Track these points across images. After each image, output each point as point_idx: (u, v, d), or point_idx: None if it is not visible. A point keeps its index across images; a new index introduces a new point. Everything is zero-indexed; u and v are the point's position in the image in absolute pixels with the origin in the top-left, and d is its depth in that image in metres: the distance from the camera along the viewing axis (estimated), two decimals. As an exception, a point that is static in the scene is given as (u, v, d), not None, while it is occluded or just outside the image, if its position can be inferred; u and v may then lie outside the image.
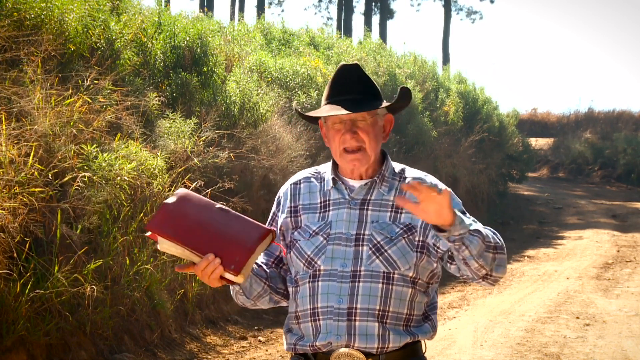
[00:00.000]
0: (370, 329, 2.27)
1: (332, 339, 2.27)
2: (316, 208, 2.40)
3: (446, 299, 8.99)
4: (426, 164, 12.79)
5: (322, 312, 2.29)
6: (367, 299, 2.28)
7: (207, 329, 6.60)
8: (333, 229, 2.34)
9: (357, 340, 2.27)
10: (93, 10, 7.12)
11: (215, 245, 2.23)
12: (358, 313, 2.27)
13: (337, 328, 2.27)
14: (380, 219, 2.34)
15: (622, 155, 22.94)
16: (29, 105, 5.52)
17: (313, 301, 2.31)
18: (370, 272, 2.29)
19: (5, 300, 4.66)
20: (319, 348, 2.29)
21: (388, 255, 2.30)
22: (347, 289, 2.28)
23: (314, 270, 2.32)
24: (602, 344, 6.69)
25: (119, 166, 5.76)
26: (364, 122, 2.33)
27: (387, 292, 2.29)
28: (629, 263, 11.26)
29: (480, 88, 17.50)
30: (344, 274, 2.29)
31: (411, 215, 2.33)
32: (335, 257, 2.31)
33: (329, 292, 2.29)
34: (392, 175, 2.41)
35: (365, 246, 2.31)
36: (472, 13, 36.43)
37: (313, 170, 2.50)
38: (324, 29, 15.26)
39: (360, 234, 2.32)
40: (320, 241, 2.33)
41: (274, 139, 8.48)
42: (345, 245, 2.31)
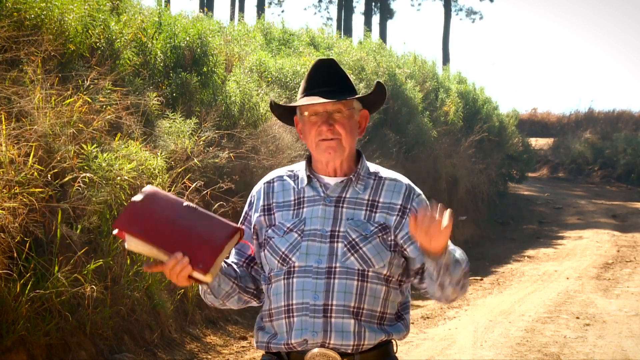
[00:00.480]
0: (346, 325, 2.27)
1: (308, 335, 2.26)
2: (290, 205, 2.39)
3: (446, 299, 8.99)
4: (426, 164, 12.79)
5: (297, 309, 2.28)
6: (343, 295, 2.27)
7: (207, 329, 6.60)
8: (307, 225, 2.33)
9: (333, 337, 2.26)
10: (93, 10, 7.12)
11: (183, 244, 2.21)
12: (334, 310, 2.26)
13: (313, 325, 2.26)
14: (355, 216, 2.34)
15: (622, 155, 22.94)
16: (29, 105, 5.52)
17: (288, 298, 2.29)
18: (345, 269, 2.29)
19: (5, 300, 4.65)
20: (294, 346, 2.28)
21: (363, 253, 2.30)
22: (322, 286, 2.27)
23: (288, 267, 2.31)
24: (602, 344, 6.69)
25: (119, 166, 5.76)
26: (340, 115, 2.34)
27: (362, 289, 2.29)
28: (629, 263, 11.27)
29: (480, 88, 17.51)
30: (319, 270, 2.28)
31: (385, 215, 2.34)
32: (310, 253, 2.30)
33: (304, 288, 2.28)
34: (367, 175, 2.41)
35: (340, 243, 2.30)
36: (472, 13, 36.43)
37: (287, 169, 2.49)
38: (323, 29, 15.26)
39: (335, 230, 2.32)
40: (294, 238, 2.32)
41: (274, 139, 8.48)
42: (320, 241, 2.31)
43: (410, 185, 2.43)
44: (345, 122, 2.35)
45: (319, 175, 2.40)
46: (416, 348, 6.59)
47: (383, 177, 2.42)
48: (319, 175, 2.40)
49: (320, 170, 2.40)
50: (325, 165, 2.38)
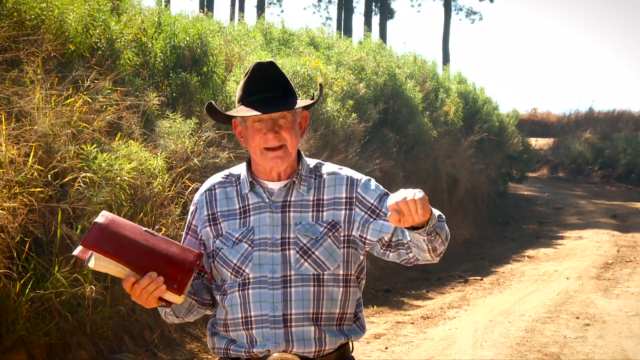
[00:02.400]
0: (307, 333, 2.25)
1: (271, 346, 2.24)
2: (235, 214, 2.33)
3: (446, 299, 8.99)
4: (426, 164, 12.79)
5: (255, 321, 2.26)
6: (301, 303, 2.25)
7: (207, 329, 6.61)
8: (257, 234, 2.28)
9: (295, 346, 2.24)
10: (93, 10, 7.12)
11: (155, 264, 2.18)
12: (293, 319, 2.25)
13: (275, 336, 2.24)
14: (303, 220, 2.30)
15: (622, 155, 22.95)
16: (29, 105, 5.52)
17: (245, 310, 2.27)
18: (300, 276, 2.26)
19: (5, 300, 4.65)
20: (256, 355, 2.26)
21: (316, 257, 2.27)
22: (279, 296, 2.25)
23: (242, 278, 2.27)
24: (602, 344, 6.69)
25: (119, 166, 5.76)
26: (285, 120, 2.29)
27: (319, 294, 2.27)
28: (629, 263, 11.27)
29: (480, 88, 17.51)
30: (274, 280, 2.25)
31: (332, 211, 2.31)
32: (263, 263, 2.26)
33: (261, 300, 2.25)
34: (308, 174, 2.36)
35: (292, 250, 2.27)
36: (472, 13, 36.43)
37: (226, 174, 2.42)
38: (323, 29, 15.25)
39: (285, 237, 2.27)
40: (245, 248, 2.28)
41: (274, 139, 8.48)
42: (271, 250, 2.27)
43: (350, 176, 2.36)
44: (289, 127, 2.29)
45: (261, 180, 2.35)
46: (416, 348, 6.59)
47: (323, 174, 2.36)
48: (261, 180, 2.35)
49: (262, 175, 2.35)
50: (269, 171, 2.33)
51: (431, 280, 10.25)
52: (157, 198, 6.28)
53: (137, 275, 2.18)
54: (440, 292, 9.50)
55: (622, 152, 23.03)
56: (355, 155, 9.59)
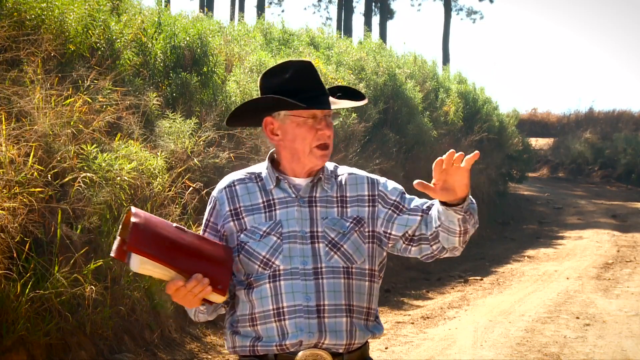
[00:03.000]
0: (340, 324, 2.27)
1: (304, 337, 2.25)
2: (259, 208, 2.34)
3: (446, 299, 8.99)
4: (426, 164, 12.78)
5: (288, 312, 2.26)
6: (333, 294, 2.27)
7: (207, 329, 6.60)
8: (285, 227, 2.30)
9: (327, 337, 2.25)
10: (93, 10, 7.12)
11: (199, 265, 2.17)
12: (327, 309, 2.26)
13: (309, 326, 2.25)
14: (329, 214, 2.34)
15: (622, 155, 22.96)
16: (29, 105, 5.52)
17: (277, 301, 2.27)
18: (331, 268, 2.29)
19: (5, 300, 4.65)
20: (288, 347, 2.26)
21: (345, 250, 2.31)
22: (312, 287, 2.26)
23: (272, 270, 2.28)
24: (602, 344, 6.69)
25: (119, 166, 5.76)
26: (329, 118, 2.36)
27: (349, 287, 2.30)
28: (629, 263, 11.27)
29: (480, 88, 17.51)
30: (306, 271, 2.27)
31: (357, 207, 2.36)
32: (293, 255, 2.28)
33: (293, 290, 2.26)
34: (329, 174, 2.41)
35: (321, 243, 2.30)
36: (472, 13, 36.46)
37: (245, 172, 2.44)
38: (323, 29, 15.25)
39: (314, 231, 2.31)
40: (273, 241, 2.29)
41: (274, 139, 8.48)
42: (301, 243, 2.29)
43: (368, 176, 2.44)
44: (331, 125, 2.36)
45: (287, 176, 2.37)
46: (416, 348, 6.60)
47: (342, 174, 2.42)
48: (287, 176, 2.37)
49: (289, 171, 2.37)
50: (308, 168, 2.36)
51: (431, 280, 10.25)
52: (157, 198, 6.28)
53: (182, 277, 2.16)
54: (440, 292, 9.50)
55: (622, 152, 23.04)
56: (355, 155, 9.59)
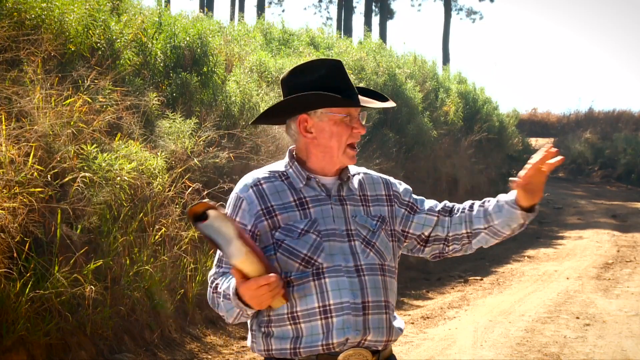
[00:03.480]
0: (381, 321, 2.30)
1: (351, 334, 2.24)
2: (292, 207, 2.32)
3: (446, 299, 8.99)
4: (426, 164, 12.79)
5: (335, 309, 2.24)
6: (374, 291, 2.30)
7: (207, 329, 6.60)
8: (322, 225, 2.30)
9: (371, 334, 2.27)
10: (93, 10, 7.12)
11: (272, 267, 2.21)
12: (370, 306, 2.28)
13: (356, 323, 2.25)
14: (357, 213, 2.36)
15: (622, 155, 22.97)
16: (29, 105, 5.52)
17: (322, 299, 2.24)
18: (370, 265, 2.31)
19: (5, 300, 4.65)
20: (334, 346, 2.24)
21: (378, 248, 2.34)
22: (356, 283, 2.27)
23: (315, 268, 2.26)
24: (602, 344, 6.68)
25: (119, 166, 5.76)
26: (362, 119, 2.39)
27: (385, 283, 2.34)
28: (629, 263, 11.27)
29: (480, 88, 17.50)
30: (348, 269, 2.28)
31: (378, 207, 2.41)
32: (335, 253, 2.29)
33: (339, 287, 2.26)
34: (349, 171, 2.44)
35: (356, 241, 2.32)
36: (472, 13, 36.48)
37: (266, 170, 2.41)
38: (323, 29, 15.25)
39: (348, 229, 2.33)
40: (313, 239, 2.28)
41: (274, 139, 8.48)
42: (340, 241, 2.31)
43: (383, 176, 2.51)
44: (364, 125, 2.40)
45: (316, 175, 2.38)
46: (416, 348, 6.59)
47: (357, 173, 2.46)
48: (316, 175, 2.38)
49: (319, 170, 2.38)
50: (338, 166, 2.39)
51: (431, 280, 10.25)
52: (157, 198, 6.28)
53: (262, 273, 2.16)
54: (440, 292, 9.50)
55: (622, 152, 23.05)
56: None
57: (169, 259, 6.26)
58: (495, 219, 2.36)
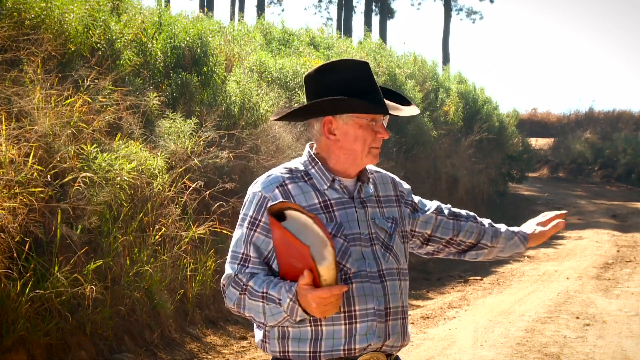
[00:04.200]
0: (399, 327, 2.30)
1: (373, 340, 2.24)
2: (318, 209, 2.27)
3: (446, 299, 8.99)
4: (426, 164, 12.79)
5: (360, 315, 2.23)
6: (394, 297, 2.30)
7: (207, 329, 6.60)
8: (347, 229, 2.27)
9: (391, 339, 2.27)
10: (93, 10, 7.12)
11: None
12: (391, 312, 2.28)
13: (379, 330, 2.25)
14: (375, 215, 2.34)
15: (622, 155, 22.96)
16: (29, 105, 5.52)
17: (348, 304, 2.22)
18: (389, 270, 2.31)
19: (5, 300, 4.65)
20: (356, 351, 2.23)
21: (395, 251, 2.33)
22: (380, 289, 2.27)
23: (343, 273, 2.24)
24: (602, 344, 6.68)
25: (119, 166, 5.76)
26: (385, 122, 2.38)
27: (402, 288, 2.34)
28: (629, 263, 11.26)
29: (480, 88, 17.50)
30: (372, 274, 2.27)
31: (390, 208, 2.41)
32: (359, 258, 2.27)
33: (365, 293, 2.24)
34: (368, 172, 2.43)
35: (377, 245, 2.30)
36: (472, 13, 36.47)
37: (287, 169, 2.34)
38: (323, 29, 15.26)
39: (371, 233, 2.31)
40: (341, 243, 2.25)
41: (274, 139, 8.49)
42: (365, 245, 2.29)
43: (390, 175, 2.52)
44: None
45: (339, 177, 2.35)
46: (416, 348, 6.59)
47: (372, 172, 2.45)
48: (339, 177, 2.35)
49: (342, 172, 2.35)
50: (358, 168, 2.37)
51: (431, 280, 10.25)
52: (157, 198, 6.28)
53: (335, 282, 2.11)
54: (440, 292, 9.50)
55: (622, 152, 23.04)
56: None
57: (169, 259, 6.26)
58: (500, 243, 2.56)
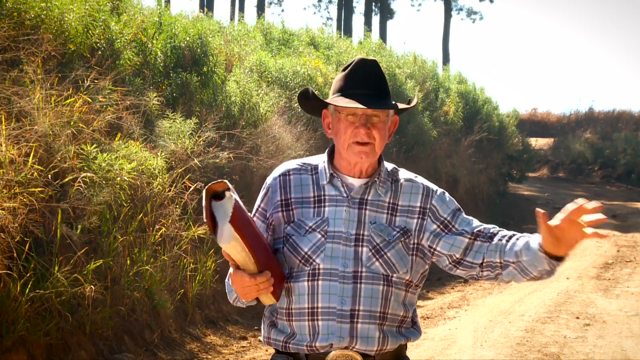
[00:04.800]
0: (372, 331, 2.25)
1: (334, 340, 2.24)
2: (309, 202, 2.32)
3: (446, 299, 8.99)
4: (426, 164, 12.79)
5: (322, 313, 2.25)
6: (370, 301, 2.25)
7: (207, 329, 6.60)
8: (331, 226, 2.28)
9: (358, 343, 2.24)
10: (93, 10, 7.12)
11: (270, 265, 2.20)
12: (360, 315, 2.24)
13: (340, 330, 2.23)
14: (377, 220, 2.31)
15: (622, 155, 22.96)
16: (29, 105, 5.52)
17: (312, 300, 2.26)
18: (371, 274, 2.26)
19: (5, 300, 4.65)
20: (317, 349, 2.25)
21: (387, 258, 2.28)
22: (349, 290, 2.24)
23: (312, 268, 2.26)
24: (602, 344, 6.68)
25: (119, 166, 5.76)
26: (378, 119, 2.31)
27: (388, 294, 2.27)
28: (629, 263, 11.27)
29: (480, 88, 17.51)
30: (345, 274, 2.25)
31: (405, 218, 2.33)
32: (335, 256, 2.26)
33: (330, 292, 2.25)
34: (386, 176, 2.38)
35: (365, 247, 2.27)
36: (472, 13, 36.45)
37: (301, 162, 2.41)
38: (323, 29, 15.25)
39: (359, 234, 2.28)
40: (317, 238, 2.27)
41: (274, 139, 8.49)
42: (345, 244, 2.27)
43: (427, 185, 2.39)
44: (381, 127, 2.31)
45: (342, 174, 2.35)
46: (416, 348, 6.59)
47: (400, 179, 2.38)
48: (342, 174, 2.35)
49: (344, 169, 2.35)
50: (352, 166, 2.34)
51: (431, 280, 10.25)
52: (157, 198, 6.28)
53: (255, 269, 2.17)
54: (440, 292, 9.50)
55: (622, 152, 23.04)
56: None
57: (169, 259, 6.26)
58: (524, 256, 2.21)
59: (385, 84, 2.35)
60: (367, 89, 2.31)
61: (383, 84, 2.34)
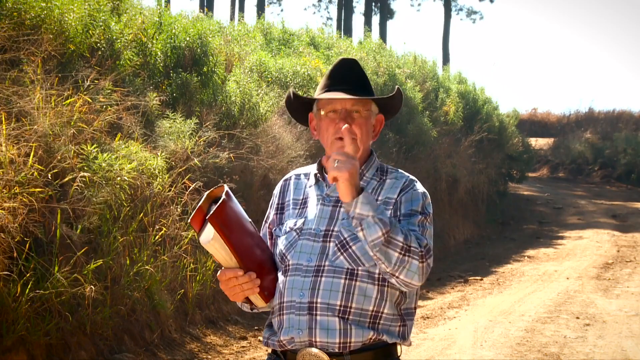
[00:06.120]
0: (331, 323, 2.24)
1: (294, 333, 2.26)
2: (297, 204, 2.43)
3: (446, 299, 8.99)
4: (426, 164, 12.79)
5: (286, 307, 2.29)
6: (328, 293, 2.26)
7: (207, 329, 6.60)
8: (306, 224, 2.35)
9: (318, 335, 2.24)
10: (93, 10, 7.12)
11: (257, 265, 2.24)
12: (318, 307, 2.25)
13: (299, 322, 2.26)
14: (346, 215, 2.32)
15: (622, 155, 22.96)
16: (29, 105, 5.52)
17: (281, 295, 2.32)
18: (333, 268, 2.27)
19: (5, 300, 4.65)
20: (284, 343, 2.29)
21: (352, 252, 2.27)
22: (308, 283, 2.27)
23: (285, 265, 2.33)
24: (602, 344, 6.69)
25: (119, 166, 5.76)
26: (358, 115, 2.33)
27: (350, 288, 2.26)
28: (629, 263, 11.27)
29: (481, 88, 17.50)
30: (308, 268, 2.29)
31: None
32: (303, 251, 2.31)
33: (293, 286, 2.29)
34: (373, 175, 2.39)
35: (332, 242, 2.30)
36: (472, 13, 36.46)
37: (306, 168, 2.52)
38: (323, 29, 15.26)
39: (329, 230, 2.31)
40: (293, 236, 2.35)
41: (274, 139, 8.49)
42: (313, 240, 2.32)
43: (411, 180, 2.37)
44: (362, 122, 2.33)
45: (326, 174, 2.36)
46: (416, 348, 6.59)
47: (387, 178, 2.38)
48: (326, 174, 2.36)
49: None
50: None
51: (431, 280, 10.25)
52: (157, 198, 6.28)
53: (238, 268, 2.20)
54: (440, 292, 9.50)
55: (622, 152, 23.04)
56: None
57: (169, 259, 6.26)
58: None
59: (365, 80, 2.39)
60: (347, 85, 2.34)
61: (363, 79, 2.38)
